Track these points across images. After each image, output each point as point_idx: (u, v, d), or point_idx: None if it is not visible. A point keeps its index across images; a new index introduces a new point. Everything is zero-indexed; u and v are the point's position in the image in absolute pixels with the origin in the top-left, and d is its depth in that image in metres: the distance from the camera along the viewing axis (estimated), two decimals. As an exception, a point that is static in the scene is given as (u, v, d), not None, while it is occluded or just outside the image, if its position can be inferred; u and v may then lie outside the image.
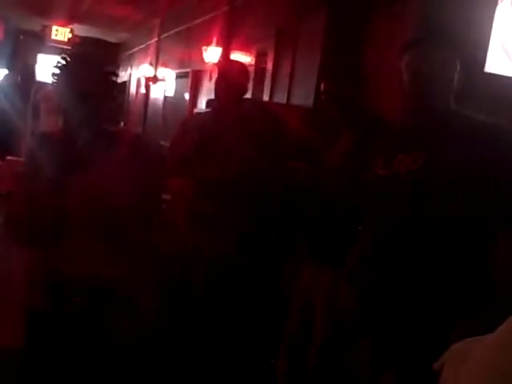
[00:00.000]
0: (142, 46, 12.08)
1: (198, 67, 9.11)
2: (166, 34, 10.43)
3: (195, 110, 7.70)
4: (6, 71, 12.26)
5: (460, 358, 1.09)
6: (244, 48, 7.40)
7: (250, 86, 6.84)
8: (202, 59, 8.26)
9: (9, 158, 10.14)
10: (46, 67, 11.71)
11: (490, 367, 0.96)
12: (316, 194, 3.23)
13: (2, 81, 12.21)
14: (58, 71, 2.41)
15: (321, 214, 3.22)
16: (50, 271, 2.34)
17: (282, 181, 3.44)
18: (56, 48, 11.55)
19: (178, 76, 10.27)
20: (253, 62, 7.03)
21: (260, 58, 6.86)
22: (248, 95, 6.77)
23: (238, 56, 7.61)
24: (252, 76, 6.84)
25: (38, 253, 2.39)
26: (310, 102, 5.06)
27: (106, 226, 2.31)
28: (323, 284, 3.18)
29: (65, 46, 11.37)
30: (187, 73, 9.67)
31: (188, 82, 9.57)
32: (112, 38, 11.42)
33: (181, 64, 10.15)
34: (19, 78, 12.31)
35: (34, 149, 2.46)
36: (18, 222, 2.42)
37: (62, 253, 2.32)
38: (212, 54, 8.02)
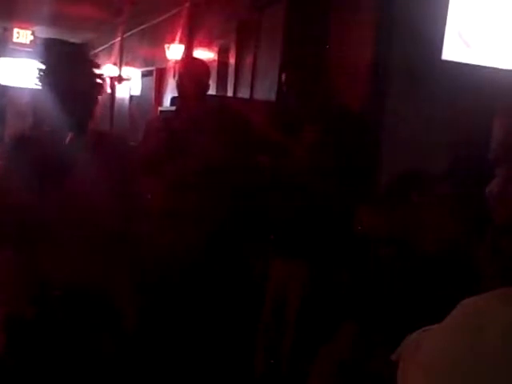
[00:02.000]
0: (105, 46, 11.99)
1: (162, 65, 9.08)
2: (129, 33, 10.36)
3: (159, 108, 7.67)
4: (-32, 76, 12.15)
5: (413, 348, 1.11)
6: (206, 44, 7.40)
7: (214, 82, 6.86)
8: (166, 57, 8.24)
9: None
10: (9, 70, 11.64)
11: (433, 355, 0.98)
12: (282, 187, 3.26)
13: (-35, 86, 12.11)
14: (43, 73, 2.32)
15: (288, 207, 3.25)
16: (31, 273, 2.31)
17: (248, 175, 3.46)
18: (18, 51, 11.40)
19: (144, 74, 10.23)
20: (216, 58, 7.03)
21: (223, 53, 6.86)
22: (212, 91, 6.77)
23: (200, 52, 7.60)
24: (215, 72, 6.84)
25: (17, 255, 2.34)
26: (272, 96, 5.08)
27: (87, 228, 2.30)
28: (295, 276, 3.23)
29: (27, 49, 11.23)
30: (152, 71, 9.63)
31: (153, 80, 9.53)
32: (75, 38, 11.22)
33: (145, 62, 10.12)
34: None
35: (13, 151, 2.40)
36: None
37: (42, 255, 2.29)
38: (175, 51, 8.00)
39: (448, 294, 2.32)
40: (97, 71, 2.44)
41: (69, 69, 2.33)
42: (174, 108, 4.01)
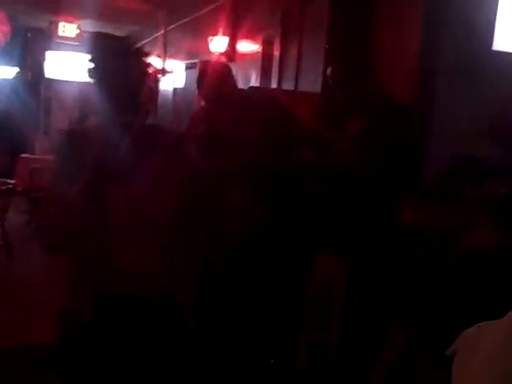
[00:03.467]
0: (149, 39, 12.04)
1: (205, 57, 9.08)
2: (172, 26, 10.39)
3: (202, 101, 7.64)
4: (16, 69, 12.40)
5: (472, 344, 1.08)
6: (250, 36, 7.37)
7: (258, 73, 6.83)
8: (209, 49, 8.23)
9: (23, 155, 10.23)
10: (55, 64, 11.78)
11: (497, 352, 0.95)
12: (325, 181, 3.22)
13: (14, 78, 12.37)
14: (94, 67, 2.28)
15: (331, 202, 3.21)
16: (90, 274, 2.27)
17: (290, 169, 3.43)
18: (64, 44, 11.55)
19: (187, 67, 10.25)
20: (260, 50, 7.00)
21: (267, 45, 6.83)
22: (256, 83, 6.75)
23: (244, 44, 7.58)
24: (259, 64, 6.82)
25: (77, 256, 2.32)
26: (317, 87, 5.03)
27: (145, 226, 2.26)
28: (339, 273, 3.18)
29: (72, 42, 11.37)
30: (195, 63, 9.64)
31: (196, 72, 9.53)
32: (119, 31, 11.36)
33: (189, 55, 10.13)
34: (29, 75, 12.40)
35: (66, 147, 2.35)
36: (50, 227, 2.33)
37: (102, 256, 2.26)
38: (218, 43, 7.99)
39: (497, 293, 2.26)
40: (145, 61, 2.40)
41: (116, 62, 2.30)
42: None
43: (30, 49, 12.06)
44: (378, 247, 3.05)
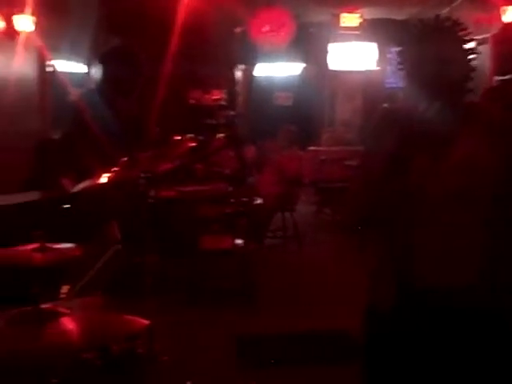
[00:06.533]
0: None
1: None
2: (458, 1, 9.82)
3: (496, 78, 7.03)
4: (303, 65, 12.85)
5: None
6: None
7: None
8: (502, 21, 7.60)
9: (311, 148, 10.56)
10: (338, 55, 11.93)
11: None
12: None
13: (300, 74, 12.86)
14: (405, 54, 2.29)
15: None
16: (400, 269, 2.10)
17: None
18: (346, 35, 11.58)
19: (478, 43, 9.60)
20: None
21: None
22: None
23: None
24: None
25: (378, 237, 2.22)
26: None
27: (458, 205, 2.04)
28: None
29: (354, 32, 11.36)
30: (487, 38, 9.00)
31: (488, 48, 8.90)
32: (401, 15, 11.05)
33: (479, 30, 9.49)
34: (314, 69, 12.75)
35: (382, 123, 2.27)
36: (352, 203, 2.31)
37: (413, 246, 2.08)
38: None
39: None
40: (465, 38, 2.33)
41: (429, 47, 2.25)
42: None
43: (313, 44, 12.32)
44: None
